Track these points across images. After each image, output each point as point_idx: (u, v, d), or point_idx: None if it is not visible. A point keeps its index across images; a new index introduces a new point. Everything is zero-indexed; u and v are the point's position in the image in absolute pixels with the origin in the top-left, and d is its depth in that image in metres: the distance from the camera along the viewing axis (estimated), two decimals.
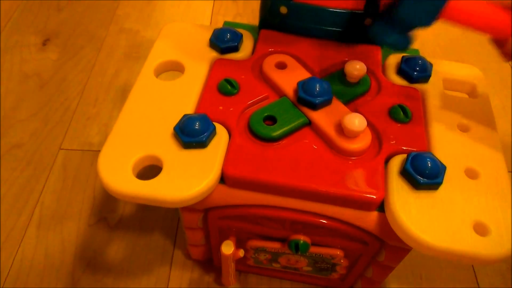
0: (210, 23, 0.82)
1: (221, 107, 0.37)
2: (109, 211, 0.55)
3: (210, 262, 0.50)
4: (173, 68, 0.42)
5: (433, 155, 0.33)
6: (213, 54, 0.41)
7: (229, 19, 0.84)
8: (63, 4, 0.85)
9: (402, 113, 0.37)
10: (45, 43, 0.77)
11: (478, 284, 0.51)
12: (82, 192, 0.57)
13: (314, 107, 0.36)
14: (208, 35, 0.42)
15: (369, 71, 0.40)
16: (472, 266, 0.52)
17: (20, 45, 0.76)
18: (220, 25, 0.45)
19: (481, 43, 0.81)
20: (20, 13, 0.82)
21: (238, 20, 0.84)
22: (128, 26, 0.81)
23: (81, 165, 0.60)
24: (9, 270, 0.50)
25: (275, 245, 0.40)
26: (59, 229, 0.53)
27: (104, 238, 0.53)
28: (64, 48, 0.76)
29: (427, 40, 0.82)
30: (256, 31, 0.44)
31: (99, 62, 0.74)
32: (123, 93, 0.69)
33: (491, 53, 0.81)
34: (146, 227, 0.54)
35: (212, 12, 0.85)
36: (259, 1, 0.43)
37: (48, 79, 0.71)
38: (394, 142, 0.35)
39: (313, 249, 0.38)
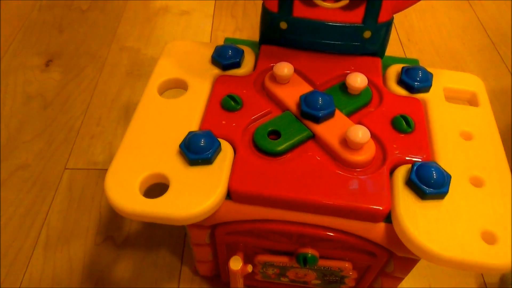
0: (210, 38, 0.83)
1: (225, 123, 0.37)
2: (116, 230, 0.55)
3: (218, 278, 0.50)
4: (177, 86, 0.42)
5: (437, 164, 0.33)
6: (216, 71, 0.42)
7: (229, 34, 0.85)
8: (64, 24, 0.86)
9: (404, 123, 0.37)
10: (47, 64, 0.78)
11: None
12: (88, 211, 0.57)
13: (317, 120, 0.36)
14: (209, 52, 0.43)
15: (370, 82, 0.41)
16: (482, 274, 0.52)
17: (23, 67, 0.77)
18: (220, 40, 0.45)
19: (480, 51, 0.82)
20: (23, 35, 0.83)
21: (238, 34, 0.85)
22: (129, 45, 0.82)
23: (87, 184, 0.60)
24: None
25: (283, 259, 0.40)
26: (66, 249, 0.53)
27: (111, 257, 0.53)
28: (67, 68, 0.77)
29: (427, 50, 0.82)
30: (256, 47, 0.45)
31: (101, 81, 0.75)
32: (126, 111, 0.70)
33: (491, 61, 0.81)
34: (152, 244, 0.54)
35: (212, 27, 0.86)
36: (258, 16, 0.43)
37: (52, 100, 0.71)
38: (398, 152, 0.35)
39: (322, 262, 0.38)
